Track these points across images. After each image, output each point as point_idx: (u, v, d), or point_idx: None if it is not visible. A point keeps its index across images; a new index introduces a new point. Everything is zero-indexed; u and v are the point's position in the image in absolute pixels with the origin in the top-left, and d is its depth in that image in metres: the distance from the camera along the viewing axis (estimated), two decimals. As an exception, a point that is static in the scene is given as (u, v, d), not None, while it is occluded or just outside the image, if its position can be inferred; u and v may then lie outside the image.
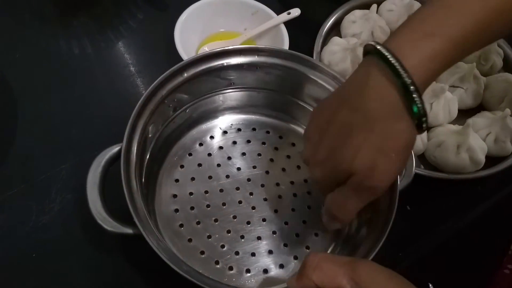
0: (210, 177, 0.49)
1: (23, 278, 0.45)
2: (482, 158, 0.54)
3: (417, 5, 0.65)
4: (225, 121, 0.54)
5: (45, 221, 0.48)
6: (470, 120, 0.57)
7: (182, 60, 0.48)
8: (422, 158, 0.56)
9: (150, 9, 0.67)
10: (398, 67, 0.33)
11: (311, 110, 0.51)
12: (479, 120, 0.57)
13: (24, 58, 0.60)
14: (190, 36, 0.60)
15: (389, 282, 0.31)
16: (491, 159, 0.55)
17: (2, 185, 0.50)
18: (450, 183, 0.55)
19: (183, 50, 0.56)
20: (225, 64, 0.49)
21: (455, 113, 0.58)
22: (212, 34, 0.63)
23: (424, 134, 0.55)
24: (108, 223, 0.39)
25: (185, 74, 0.47)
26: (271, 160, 0.52)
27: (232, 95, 0.53)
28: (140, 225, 0.37)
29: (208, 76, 0.49)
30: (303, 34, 0.63)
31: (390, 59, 0.33)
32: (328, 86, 0.49)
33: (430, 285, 0.46)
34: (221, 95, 0.52)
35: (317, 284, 0.32)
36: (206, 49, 0.61)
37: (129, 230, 0.39)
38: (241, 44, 0.61)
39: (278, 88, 0.52)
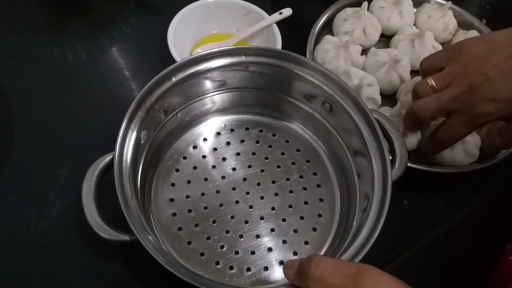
0: (206, 179, 0.50)
1: (24, 285, 0.45)
2: (476, 152, 0.54)
3: (407, 1, 0.66)
4: (217, 122, 0.54)
5: (44, 227, 0.48)
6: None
7: (176, 62, 0.48)
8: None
9: (143, 13, 0.68)
10: None
11: (302, 106, 0.52)
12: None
13: (18, 66, 0.60)
14: (183, 39, 0.60)
15: None
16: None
17: (0, 192, 0.50)
18: (446, 177, 0.56)
19: (176, 53, 0.56)
20: (213, 66, 0.49)
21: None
22: (205, 36, 0.64)
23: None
24: (105, 231, 0.39)
25: (174, 79, 0.47)
26: (266, 158, 0.52)
27: (222, 96, 0.53)
28: (135, 231, 0.37)
29: (197, 79, 0.49)
30: (296, 34, 0.63)
31: None
32: (316, 82, 0.49)
33: None
34: (211, 97, 0.52)
35: None
36: (199, 51, 0.61)
37: (126, 237, 0.39)
38: (234, 45, 0.62)
39: (267, 87, 0.52)
